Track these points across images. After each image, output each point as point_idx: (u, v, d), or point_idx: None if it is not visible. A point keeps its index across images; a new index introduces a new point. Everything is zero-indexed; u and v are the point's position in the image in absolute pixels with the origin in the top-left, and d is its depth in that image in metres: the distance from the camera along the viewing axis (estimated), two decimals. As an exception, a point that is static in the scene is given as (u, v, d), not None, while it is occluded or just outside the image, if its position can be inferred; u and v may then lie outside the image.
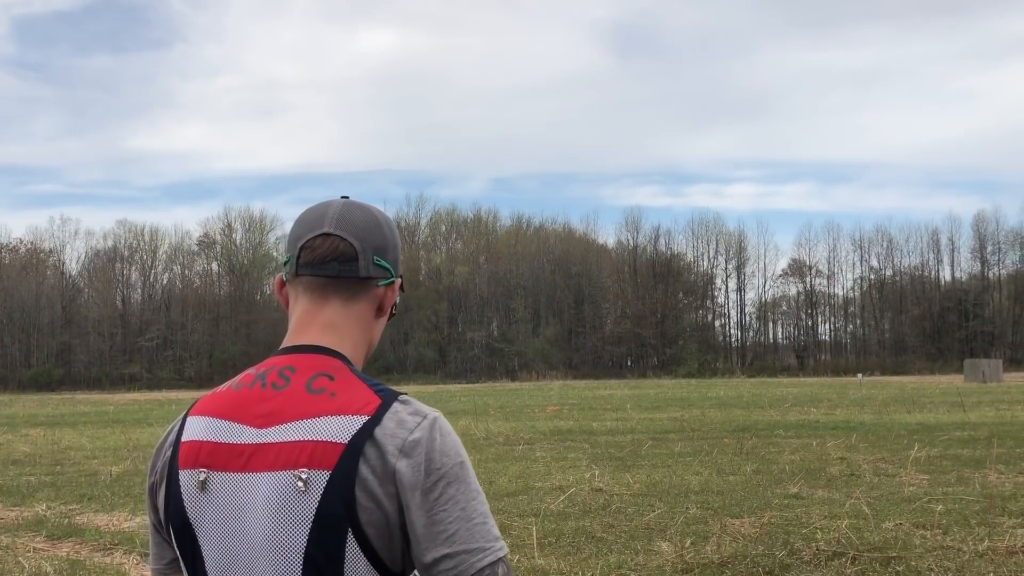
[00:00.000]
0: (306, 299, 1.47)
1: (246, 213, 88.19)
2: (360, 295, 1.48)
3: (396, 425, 1.32)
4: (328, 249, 1.44)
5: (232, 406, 1.40)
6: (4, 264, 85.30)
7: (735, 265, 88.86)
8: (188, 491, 1.37)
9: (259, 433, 1.35)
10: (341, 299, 1.46)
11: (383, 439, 1.30)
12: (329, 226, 1.44)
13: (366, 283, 1.47)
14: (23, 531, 8.48)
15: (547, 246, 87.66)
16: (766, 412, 23.38)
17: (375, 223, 1.49)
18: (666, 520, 8.23)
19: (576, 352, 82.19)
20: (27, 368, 78.11)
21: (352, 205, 1.50)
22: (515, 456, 13.80)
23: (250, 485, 1.33)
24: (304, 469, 1.30)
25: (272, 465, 1.32)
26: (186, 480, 1.37)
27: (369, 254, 1.46)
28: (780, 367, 79.26)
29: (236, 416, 1.38)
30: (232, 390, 1.42)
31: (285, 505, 1.30)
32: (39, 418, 29.09)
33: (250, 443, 1.35)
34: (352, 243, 1.44)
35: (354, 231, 1.45)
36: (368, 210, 1.50)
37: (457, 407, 29.78)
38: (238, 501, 1.34)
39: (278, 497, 1.31)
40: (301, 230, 1.47)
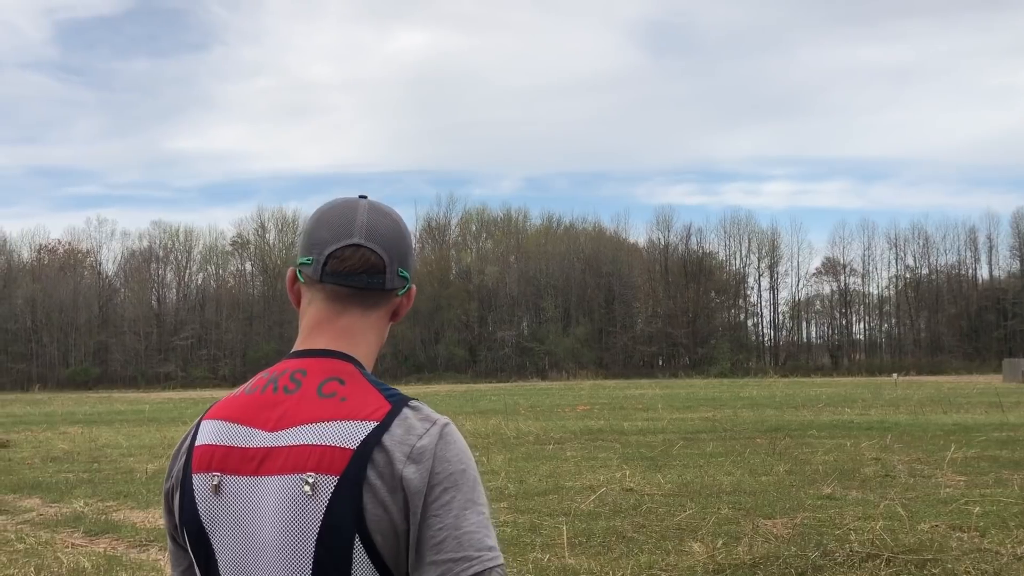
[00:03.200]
0: (325, 305, 1.46)
1: (279, 213, 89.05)
2: (381, 304, 1.48)
3: (405, 431, 1.32)
4: (359, 262, 1.43)
5: (244, 410, 1.40)
6: (43, 265, 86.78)
7: (768, 264, 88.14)
8: (202, 495, 1.37)
9: (270, 437, 1.35)
10: (361, 308, 1.46)
11: (392, 445, 1.30)
12: (359, 236, 1.43)
13: (388, 293, 1.48)
14: (62, 527, 8.63)
15: (577, 245, 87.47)
16: (799, 412, 23.16)
17: (400, 233, 1.49)
18: (697, 520, 8.19)
19: (607, 351, 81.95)
20: (65, 367, 79.41)
21: (377, 211, 1.48)
22: (545, 455, 13.79)
23: (261, 489, 1.33)
24: (311, 473, 1.30)
25: (281, 469, 1.32)
26: (199, 484, 1.38)
27: (395, 266, 1.46)
28: (813, 367, 78.47)
29: (248, 420, 1.39)
30: (245, 394, 1.43)
31: (293, 509, 1.30)
32: (77, 416, 29.56)
33: (261, 447, 1.35)
34: (382, 256, 1.44)
35: (383, 243, 1.44)
36: (392, 217, 1.50)
37: (487, 406, 29.81)
38: (250, 504, 1.34)
39: (286, 501, 1.31)
40: (327, 235, 1.44)
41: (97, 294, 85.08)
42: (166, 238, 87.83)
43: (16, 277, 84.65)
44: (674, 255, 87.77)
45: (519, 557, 6.90)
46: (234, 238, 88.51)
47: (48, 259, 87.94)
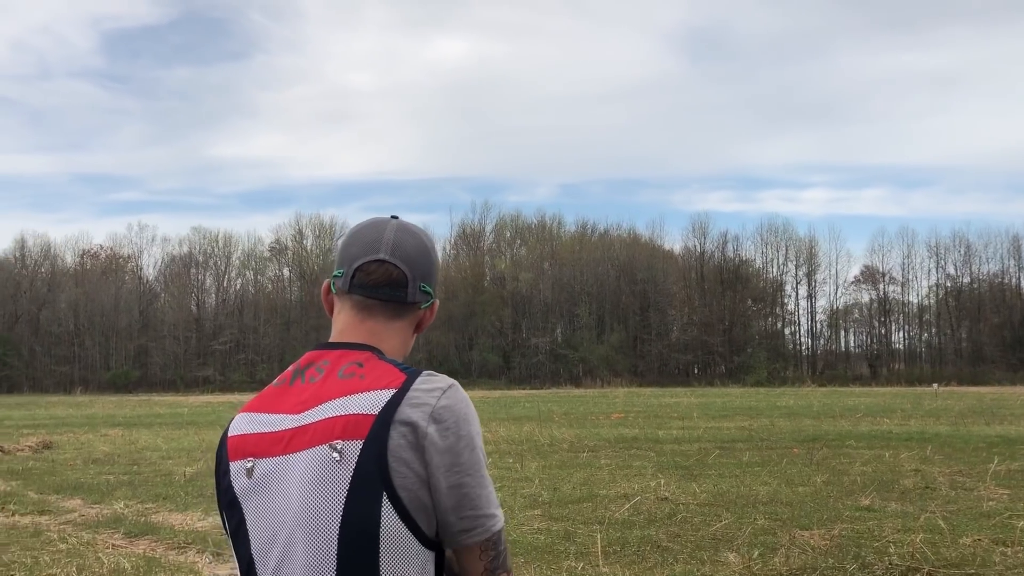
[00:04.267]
0: (352, 313, 1.61)
1: (316, 220, 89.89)
2: (404, 315, 1.62)
3: (423, 393, 1.45)
4: (382, 275, 1.59)
5: (272, 400, 1.55)
6: (86, 270, 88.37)
7: (805, 272, 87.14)
8: (238, 480, 1.51)
9: (296, 418, 1.49)
10: (385, 317, 1.61)
11: (412, 407, 1.43)
12: (385, 252, 1.59)
13: (411, 306, 1.63)
14: (103, 528, 8.76)
15: (612, 252, 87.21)
16: (837, 422, 22.87)
17: (424, 251, 1.64)
18: (733, 531, 8.12)
19: (641, 359, 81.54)
20: (106, 370, 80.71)
21: (404, 231, 1.63)
22: (579, 463, 13.75)
23: (291, 464, 1.46)
24: (339, 441, 1.42)
25: (309, 443, 1.45)
26: (236, 470, 1.52)
27: (417, 281, 1.61)
28: (852, 376, 77.41)
29: (276, 408, 1.53)
30: (273, 388, 1.58)
31: (322, 476, 1.42)
32: (117, 419, 30.02)
33: (289, 428, 1.48)
34: (404, 271, 1.59)
35: (406, 259, 1.60)
36: (418, 236, 1.65)
37: (521, 412, 29.80)
38: (281, 480, 1.46)
39: (316, 469, 1.43)
40: (357, 250, 1.60)
41: (138, 299, 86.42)
42: (206, 244, 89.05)
43: (60, 282, 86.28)
44: (710, 262, 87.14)
45: (553, 565, 6.89)
46: (272, 244, 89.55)
47: (91, 264, 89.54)
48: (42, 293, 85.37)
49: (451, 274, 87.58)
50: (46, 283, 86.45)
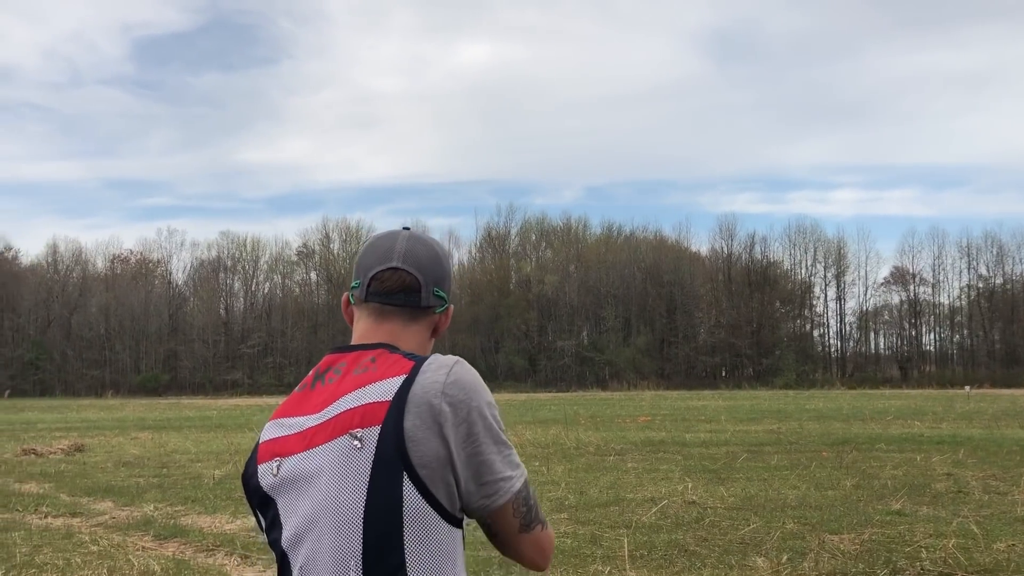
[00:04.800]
0: (370, 319, 1.70)
1: (343, 224, 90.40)
2: (420, 319, 1.70)
3: (432, 373, 1.53)
4: (396, 282, 1.67)
5: (296, 404, 1.65)
6: (116, 274, 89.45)
7: (834, 273, 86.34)
8: (265, 479, 1.60)
9: (317, 417, 1.58)
10: (402, 321, 1.69)
11: (423, 387, 1.51)
12: (397, 260, 1.67)
13: (426, 310, 1.71)
14: (133, 530, 8.85)
15: (638, 254, 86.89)
16: (867, 425, 22.62)
17: (436, 258, 1.72)
18: (762, 535, 8.05)
19: (668, 362, 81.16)
20: (136, 374, 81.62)
21: (416, 240, 1.72)
22: (606, 467, 13.70)
23: (314, 457, 1.55)
24: (358, 429, 1.51)
25: (330, 435, 1.54)
26: (263, 471, 1.61)
27: (430, 286, 1.69)
28: (882, 378, 76.56)
29: (299, 411, 1.63)
30: (296, 393, 1.68)
31: (345, 463, 1.51)
32: (147, 422, 30.34)
33: (311, 427, 1.58)
34: (417, 277, 1.68)
35: (418, 265, 1.68)
36: (430, 244, 1.73)
37: (547, 416, 29.76)
38: (305, 473, 1.55)
39: (338, 458, 1.51)
40: (371, 261, 1.70)
41: (167, 303, 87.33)
42: (234, 248, 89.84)
43: (91, 286, 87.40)
44: (737, 264, 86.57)
45: (580, 569, 6.86)
46: (299, 248, 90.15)
47: (121, 269, 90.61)
48: (73, 298, 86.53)
49: (476, 277, 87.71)
50: (77, 288, 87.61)
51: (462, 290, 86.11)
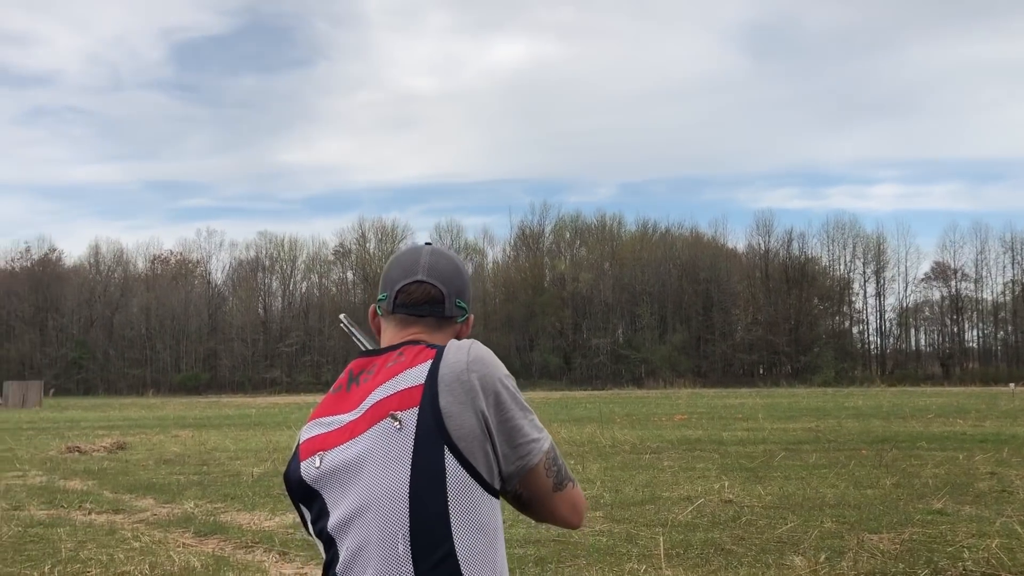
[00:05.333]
0: (397, 328, 1.81)
1: (379, 223, 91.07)
2: (443, 328, 1.82)
3: (454, 354, 1.66)
4: (421, 294, 1.79)
5: (333, 404, 1.74)
6: (157, 275, 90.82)
7: (874, 269, 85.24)
8: (308, 472, 1.67)
9: (355, 411, 1.68)
10: (427, 329, 1.80)
11: (450, 367, 1.64)
12: (422, 274, 1.80)
13: (449, 320, 1.82)
14: (174, 527, 8.99)
15: (673, 251, 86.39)
16: (907, 423, 22.30)
17: (457, 271, 1.84)
18: (799, 534, 7.97)
19: (705, 359, 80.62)
20: (177, 372, 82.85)
21: (438, 254, 1.85)
22: (642, 465, 13.65)
23: (356, 446, 1.63)
24: (396, 411, 1.61)
25: (369, 423, 1.63)
26: (306, 466, 1.68)
27: (453, 297, 1.81)
28: (923, 376, 75.42)
29: (337, 410, 1.71)
30: (332, 394, 1.76)
31: (387, 445, 1.60)
32: (187, 420, 30.78)
33: (350, 421, 1.67)
34: (440, 289, 1.80)
35: (441, 278, 1.80)
36: (451, 258, 1.86)
37: (582, 414, 29.71)
38: (349, 462, 1.63)
39: (380, 442, 1.61)
40: (397, 275, 1.82)
41: (207, 302, 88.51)
42: (272, 248, 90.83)
43: (132, 287, 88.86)
44: (775, 260, 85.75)
45: (615, 567, 6.85)
46: (336, 248, 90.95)
47: (161, 269, 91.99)
48: (115, 298, 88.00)
49: (511, 275, 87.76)
50: (119, 288, 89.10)
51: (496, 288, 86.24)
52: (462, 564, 1.55)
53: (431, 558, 1.55)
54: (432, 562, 1.54)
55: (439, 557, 1.55)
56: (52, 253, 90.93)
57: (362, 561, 1.57)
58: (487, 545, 1.60)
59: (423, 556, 1.55)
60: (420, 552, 1.55)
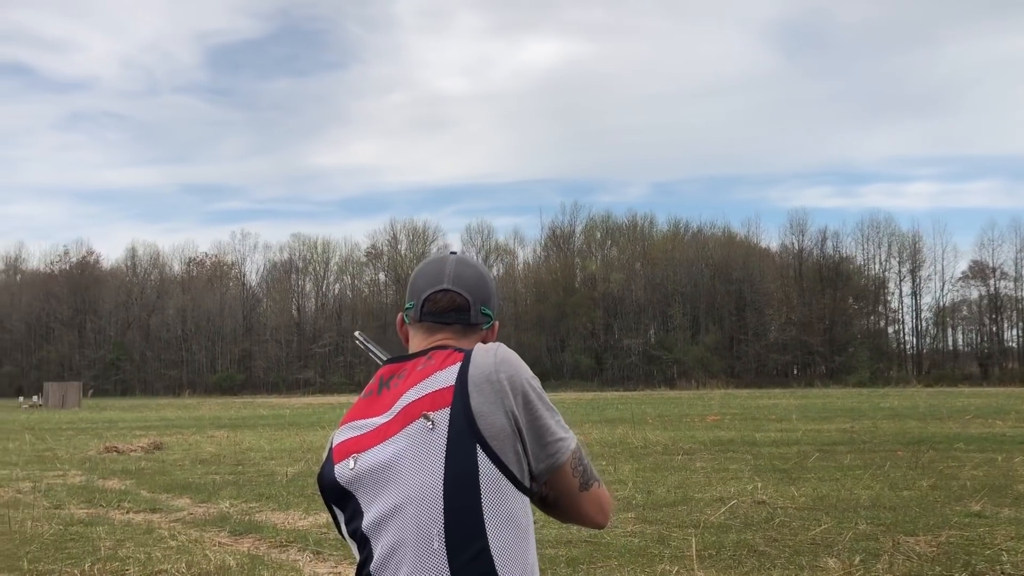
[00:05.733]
0: (425, 335, 1.86)
1: (410, 224, 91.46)
2: (469, 335, 1.86)
3: (482, 356, 1.70)
4: (447, 302, 1.84)
5: (364, 409, 1.78)
6: (192, 277, 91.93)
7: (909, 268, 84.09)
8: (343, 474, 1.70)
9: (388, 414, 1.71)
10: (454, 336, 1.84)
11: (479, 368, 1.68)
12: (447, 283, 1.84)
13: (475, 327, 1.86)
14: (210, 526, 9.10)
15: (706, 251, 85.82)
16: (945, 424, 21.98)
17: (482, 279, 1.89)
18: (833, 535, 7.90)
19: (738, 360, 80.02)
20: (212, 373, 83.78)
21: (463, 263, 1.89)
22: (674, 466, 13.60)
23: (389, 447, 1.66)
24: (428, 412, 1.65)
25: (402, 424, 1.67)
26: (340, 469, 1.71)
27: (478, 305, 1.85)
28: (960, 376, 74.26)
29: (369, 414, 1.75)
30: (363, 399, 1.80)
31: (420, 445, 1.64)
32: (223, 420, 31.12)
33: (382, 423, 1.70)
34: (466, 297, 1.84)
35: (466, 287, 1.85)
36: (475, 267, 1.90)
37: (614, 415, 29.63)
38: (382, 462, 1.66)
39: (413, 442, 1.64)
40: (423, 284, 1.86)
41: (241, 304, 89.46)
42: (305, 250, 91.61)
43: (168, 289, 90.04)
44: (809, 260, 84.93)
45: (647, 568, 6.84)
46: (368, 249, 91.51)
47: (197, 271, 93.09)
48: (152, 300, 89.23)
49: (541, 276, 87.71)
50: (155, 290, 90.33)
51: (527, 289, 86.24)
52: (496, 559, 1.58)
53: (465, 554, 1.58)
54: (466, 558, 1.57)
55: (473, 553, 1.58)
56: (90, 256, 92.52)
57: (397, 559, 1.60)
58: (519, 541, 1.63)
59: (457, 552, 1.58)
60: (455, 548, 1.58)
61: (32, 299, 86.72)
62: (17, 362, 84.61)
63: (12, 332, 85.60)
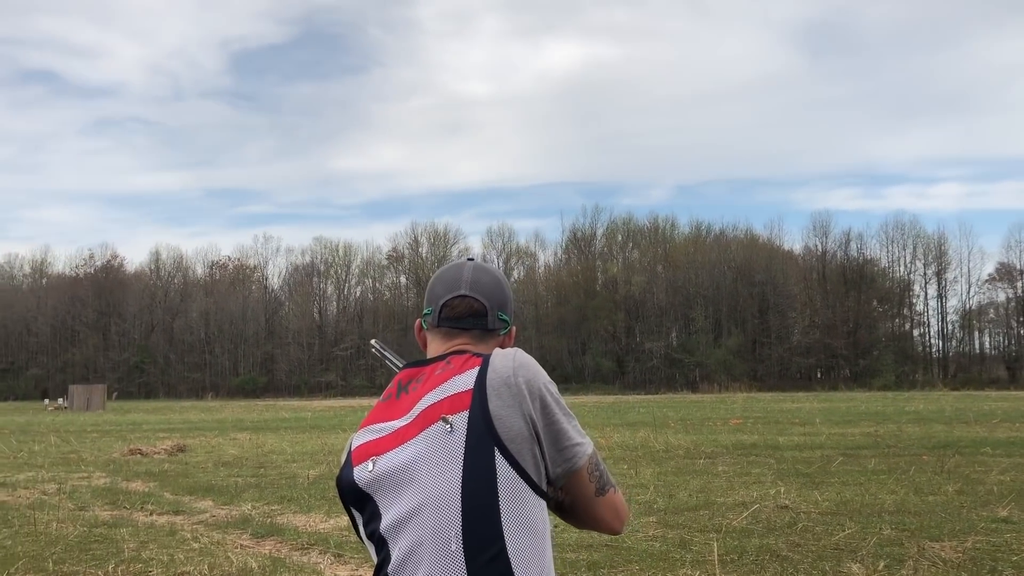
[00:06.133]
0: (442, 341, 1.88)
1: (431, 228, 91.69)
2: (486, 340, 1.87)
3: (501, 360, 1.72)
4: (465, 308, 1.86)
5: (383, 412, 1.79)
6: (215, 280, 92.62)
7: (935, 270, 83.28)
8: (361, 476, 1.71)
9: (406, 417, 1.73)
10: (471, 341, 1.86)
11: (497, 372, 1.69)
12: (465, 288, 1.86)
13: (492, 332, 1.88)
14: (232, 528, 9.15)
15: (728, 254, 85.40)
16: (971, 428, 21.73)
17: (498, 285, 1.90)
18: (857, 541, 7.82)
19: (761, 363, 79.52)
20: (235, 376, 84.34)
21: (480, 269, 1.91)
22: (696, 470, 13.52)
23: (408, 449, 1.68)
24: (447, 415, 1.66)
25: (421, 427, 1.68)
26: (359, 471, 1.72)
27: (495, 310, 1.87)
28: (987, 379, 73.38)
29: (388, 417, 1.77)
30: (382, 403, 1.82)
31: (439, 447, 1.65)
32: (245, 423, 31.31)
33: (402, 426, 1.72)
34: (483, 302, 1.86)
35: (484, 292, 1.87)
36: (492, 273, 1.92)
37: (635, 418, 29.53)
38: (401, 465, 1.67)
39: (432, 444, 1.65)
40: (441, 290, 1.88)
41: (264, 307, 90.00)
42: (327, 253, 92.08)
43: (191, 292, 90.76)
44: (832, 262, 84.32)
45: (668, 573, 6.80)
46: (389, 252, 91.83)
47: (220, 275, 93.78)
48: (175, 303, 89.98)
49: (562, 279, 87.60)
50: (179, 294, 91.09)
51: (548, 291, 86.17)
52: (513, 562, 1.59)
53: (483, 556, 1.59)
54: (484, 560, 1.59)
55: (491, 555, 1.59)
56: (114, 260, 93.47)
57: (415, 560, 1.61)
58: (536, 544, 1.64)
59: (475, 554, 1.59)
60: (472, 550, 1.59)
61: (58, 303, 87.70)
62: (43, 365, 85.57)
63: (38, 335, 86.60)
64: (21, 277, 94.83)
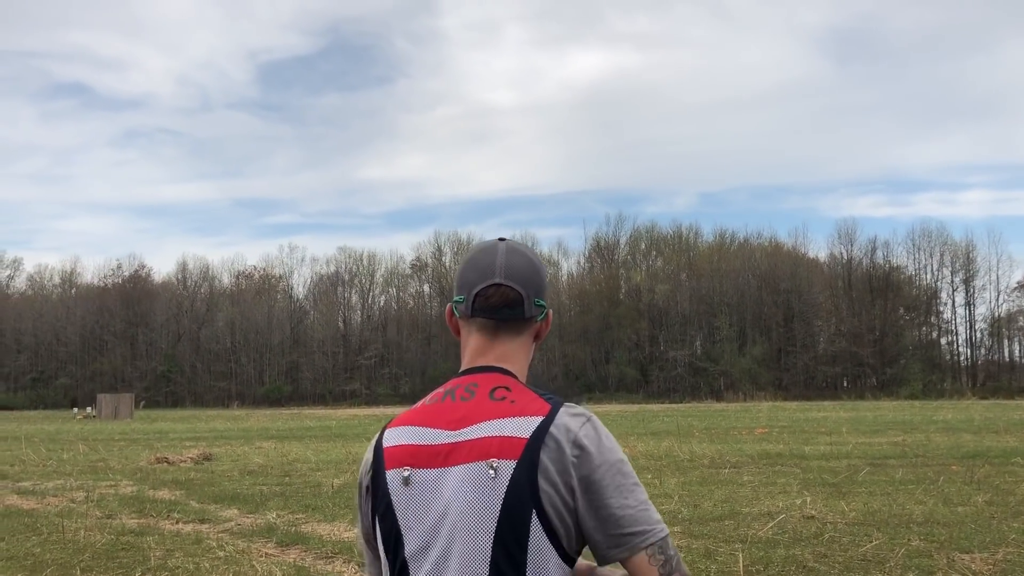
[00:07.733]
0: (480, 335, 1.77)
1: (454, 237, 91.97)
2: (524, 330, 1.78)
3: (568, 419, 1.60)
4: (500, 298, 1.73)
5: (427, 415, 1.68)
6: (241, 289, 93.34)
7: (963, 278, 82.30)
8: (394, 487, 1.63)
9: (454, 435, 1.62)
10: (510, 335, 1.76)
11: (558, 434, 1.57)
12: (499, 276, 1.74)
13: (529, 320, 1.77)
14: (257, 537, 9.20)
15: (752, 261, 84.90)
16: (1001, 437, 21.41)
17: (534, 268, 1.78)
18: (885, 552, 7.73)
19: (786, 372, 78.90)
20: (260, 385, 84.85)
21: (513, 252, 1.78)
22: (721, 480, 13.43)
23: (449, 477, 1.59)
24: (495, 459, 1.56)
25: (467, 458, 1.59)
26: (392, 477, 1.64)
27: (531, 298, 1.75)
28: (1017, 388, 72.32)
29: (432, 423, 1.66)
30: (426, 405, 1.71)
31: (478, 491, 1.56)
32: (270, 432, 31.48)
33: (447, 443, 1.62)
34: (519, 291, 1.74)
35: (519, 279, 1.74)
36: (526, 255, 1.79)
37: (660, 427, 29.38)
38: (437, 490, 1.60)
39: (473, 483, 1.57)
40: (474, 277, 1.76)
41: (289, 316, 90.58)
42: (351, 262, 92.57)
43: (217, 301, 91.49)
44: (858, 270, 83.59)
45: (693, 584, 6.76)
46: (413, 261, 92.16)
47: (245, 284, 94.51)
48: (202, 313, 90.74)
49: (586, 287, 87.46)
50: (205, 303, 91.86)
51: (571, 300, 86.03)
52: None
53: None
54: None
55: None
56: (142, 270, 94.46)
57: None
58: None
59: None
60: None
61: (86, 313, 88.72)
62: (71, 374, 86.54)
63: (67, 345, 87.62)
64: (51, 287, 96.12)
